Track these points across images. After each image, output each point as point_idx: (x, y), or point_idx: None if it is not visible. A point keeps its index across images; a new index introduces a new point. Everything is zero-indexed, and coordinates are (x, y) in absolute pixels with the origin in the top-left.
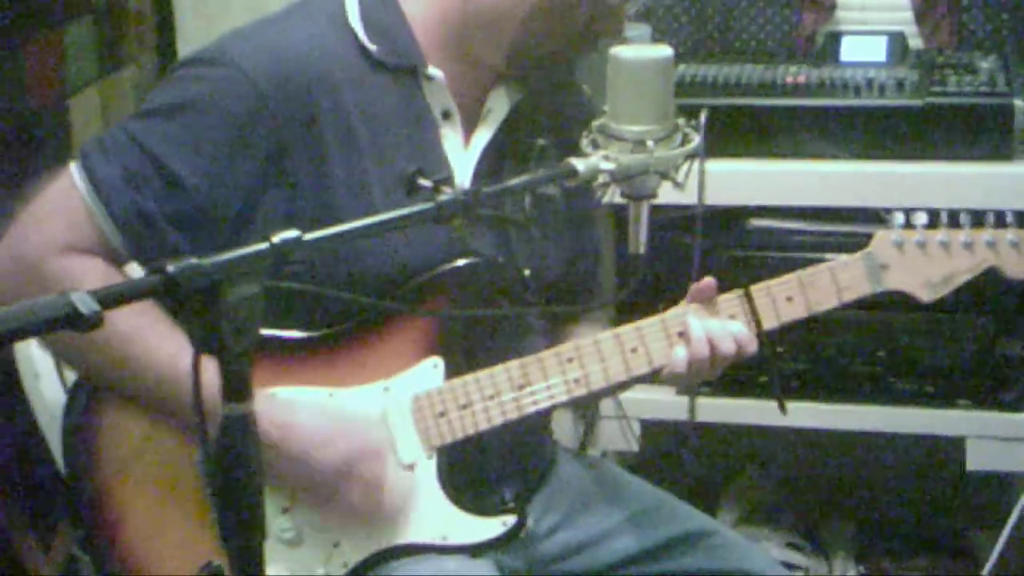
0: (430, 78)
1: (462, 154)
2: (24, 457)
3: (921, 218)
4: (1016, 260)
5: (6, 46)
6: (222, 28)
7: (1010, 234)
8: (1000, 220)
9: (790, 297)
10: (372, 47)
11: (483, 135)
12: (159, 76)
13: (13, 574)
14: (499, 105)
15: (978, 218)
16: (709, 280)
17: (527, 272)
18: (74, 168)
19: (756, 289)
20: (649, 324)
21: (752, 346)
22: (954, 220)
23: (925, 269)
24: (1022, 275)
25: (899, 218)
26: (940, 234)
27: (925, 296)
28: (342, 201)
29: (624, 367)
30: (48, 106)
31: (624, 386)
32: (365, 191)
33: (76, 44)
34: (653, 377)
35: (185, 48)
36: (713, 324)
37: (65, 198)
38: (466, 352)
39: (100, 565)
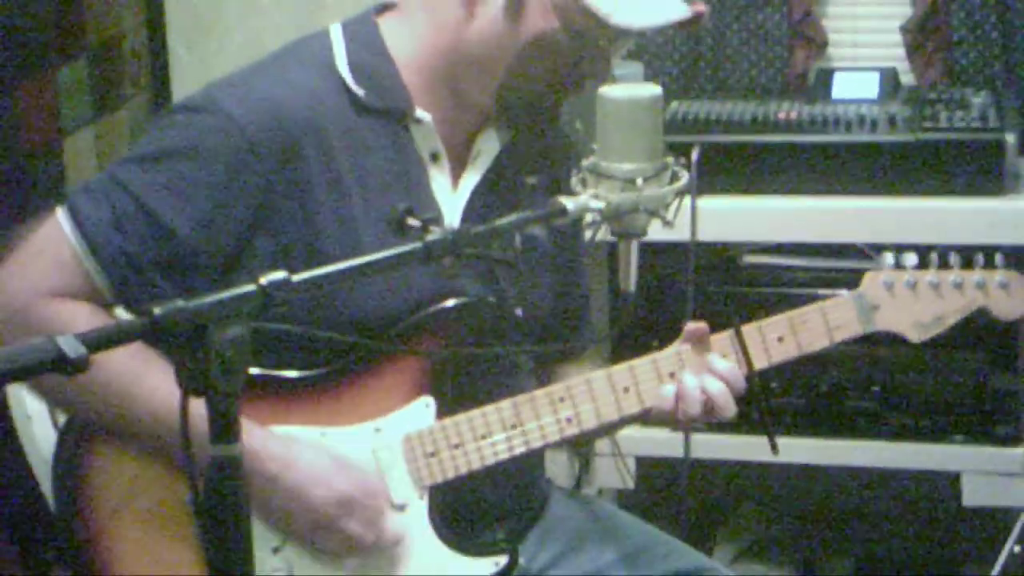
0: (418, 121)
1: (451, 196)
2: (16, 498)
3: (911, 259)
4: (1005, 301)
5: (0, 87)
6: (217, 68)
7: (999, 275)
8: (989, 259)
9: (781, 337)
10: (359, 92)
11: (472, 177)
12: (154, 117)
13: None
14: (488, 147)
15: (967, 256)
16: (702, 324)
17: (519, 311)
18: (61, 213)
19: (747, 329)
20: (641, 364)
21: (739, 384)
22: (944, 259)
23: (915, 310)
24: (1011, 316)
25: (889, 259)
26: (930, 275)
27: (915, 336)
28: (330, 246)
29: (616, 407)
30: (43, 147)
31: (617, 427)
32: (353, 236)
33: (70, 85)
34: (643, 418)
35: (180, 89)
36: (706, 378)
37: (52, 243)
38: (458, 392)
39: None
